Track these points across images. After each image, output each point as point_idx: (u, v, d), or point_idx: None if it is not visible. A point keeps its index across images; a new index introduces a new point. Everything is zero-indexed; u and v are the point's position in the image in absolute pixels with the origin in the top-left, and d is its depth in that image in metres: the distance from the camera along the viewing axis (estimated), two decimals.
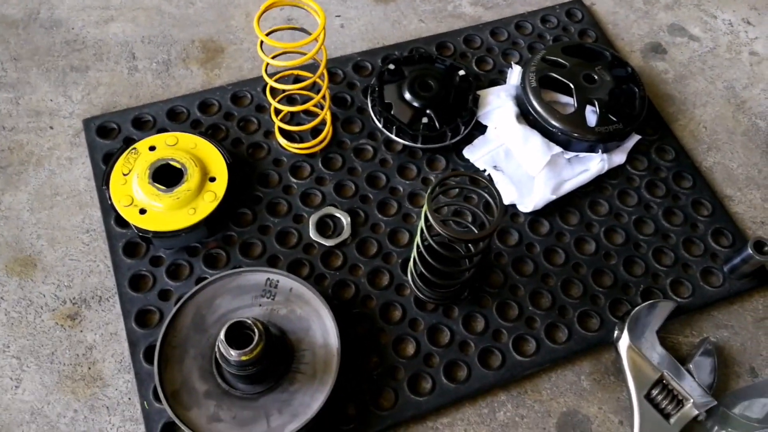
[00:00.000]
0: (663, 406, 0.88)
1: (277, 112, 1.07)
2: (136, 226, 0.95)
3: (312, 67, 0.98)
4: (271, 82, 0.99)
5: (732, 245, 1.06)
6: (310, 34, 0.93)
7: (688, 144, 1.18)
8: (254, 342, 0.79)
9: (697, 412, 0.88)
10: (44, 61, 1.20)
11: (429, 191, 0.80)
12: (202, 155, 1.01)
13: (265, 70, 0.98)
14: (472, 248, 0.88)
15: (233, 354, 0.78)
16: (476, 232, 0.94)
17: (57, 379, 0.91)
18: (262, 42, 0.93)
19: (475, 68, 1.23)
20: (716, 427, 0.87)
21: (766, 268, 1.03)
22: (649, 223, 1.07)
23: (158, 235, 0.96)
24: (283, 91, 1.08)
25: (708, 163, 1.16)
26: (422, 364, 0.93)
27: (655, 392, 0.89)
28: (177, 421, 0.82)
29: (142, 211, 0.95)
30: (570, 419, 0.91)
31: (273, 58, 0.98)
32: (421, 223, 0.84)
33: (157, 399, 0.87)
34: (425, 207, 0.80)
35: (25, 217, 1.03)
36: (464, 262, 0.90)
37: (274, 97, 1.03)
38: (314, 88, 1.08)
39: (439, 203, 1.01)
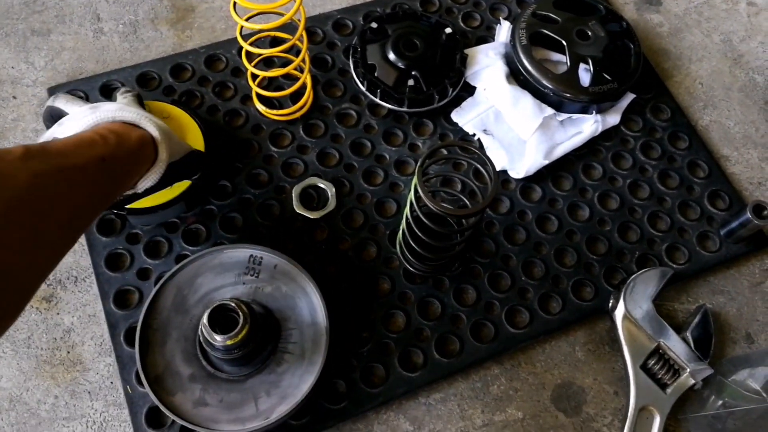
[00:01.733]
0: (659, 375, 0.87)
1: (254, 77, 1.01)
2: None
3: (290, 27, 0.92)
4: (246, 46, 0.93)
5: (729, 208, 1.03)
6: None
7: (683, 102, 1.14)
8: (239, 325, 0.75)
9: (693, 381, 0.86)
10: (2, 24, 1.12)
11: (419, 163, 0.75)
12: (176, 125, 0.95)
13: (240, 33, 0.92)
14: (464, 221, 0.84)
15: (218, 339, 0.75)
16: (467, 201, 0.90)
17: (35, 365, 0.88)
18: (234, 3, 0.86)
19: (462, 24, 1.17)
20: (713, 396, 0.86)
21: (765, 233, 1.00)
22: (644, 187, 1.04)
23: (134, 211, 0.91)
24: (260, 54, 1.01)
25: (704, 121, 1.12)
26: (413, 339, 0.90)
27: (651, 362, 0.88)
28: (161, 407, 0.79)
29: None
30: (565, 391, 0.90)
31: (247, 19, 0.91)
32: (411, 195, 0.80)
33: (140, 383, 0.84)
34: (415, 179, 0.76)
35: None
36: (455, 235, 0.87)
37: (250, 62, 0.97)
38: (293, 50, 1.01)
39: (428, 174, 0.97)
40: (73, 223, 0.65)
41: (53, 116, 0.78)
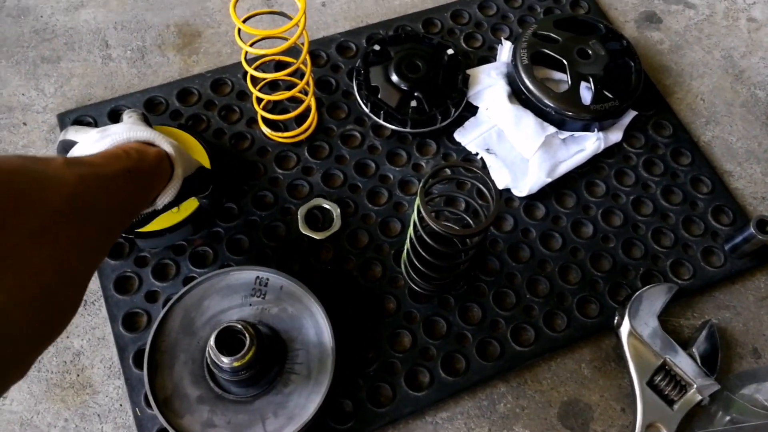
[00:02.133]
0: (666, 392, 0.87)
1: (260, 100, 1.03)
2: None
3: (294, 51, 0.94)
4: (251, 71, 0.94)
5: (733, 223, 1.03)
6: (289, 17, 0.88)
7: (685, 118, 1.14)
8: (246, 347, 0.76)
9: (700, 397, 0.86)
10: (13, 52, 1.15)
11: (421, 184, 0.76)
12: (183, 149, 0.96)
13: (245, 58, 0.94)
14: (468, 241, 0.85)
15: (225, 361, 0.76)
16: (470, 220, 0.91)
17: (45, 388, 0.89)
18: (239, 29, 0.88)
19: (464, 45, 1.19)
20: (720, 412, 0.86)
21: None
22: (647, 203, 1.04)
23: (141, 235, 0.92)
24: (265, 79, 1.03)
25: (707, 137, 1.13)
26: (419, 358, 0.91)
27: (657, 378, 0.87)
28: (170, 429, 0.80)
29: None
30: (571, 408, 0.90)
31: (252, 45, 0.93)
32: (414, 216, 0.81)
33: (149, 405, 0.84)
34: (418, 200, 0.77)
35: None
36: (459, 254, 0.87)
37: (255, 86, 0.99)
38: (297, 73, 1.03)
39: (431, 194, 0.98)
40: (108, 232, 0.67)
41: (66, 149, 0.79)
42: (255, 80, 1.00)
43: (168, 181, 0.80)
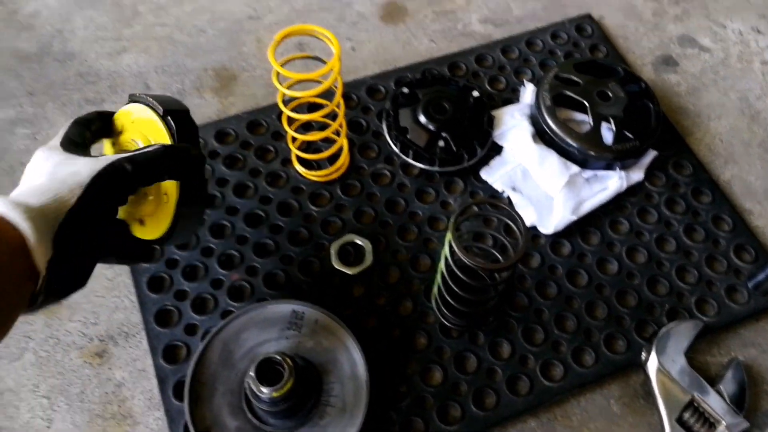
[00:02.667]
0: (695, 429, 0.88)
1: (294, 140, 1.07)
2: None
3: (327, 93, 0.98)
4: (287, 112, 0.99)
5: (755, 261, 1.05)
6: (324, 61, 0.93)
7: (705, 158, 1.18)
8: (284, 378, 0.79)
9: None
10: (60, 94, 1.21)
11: (452, 219, 0.80)
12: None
13: (281, 100, 0.99)
14: (497, 275, 0.88)
15: (264, 391, 0.78)
16: (498, 256, 0.94)
17: (88, 418, 0.91)
18: (277, 72, 0.93)
19: (488, 87, 1.23)
20: None
21: None
22: (670, 241, 1.07)
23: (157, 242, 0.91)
24: (300, 119, 1.08)
25: (726, 176, 1.16)
26: (450, 392, 0.93)
27: (686, 415, 0.89)
28: None
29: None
30: None
31: (288, 87, 0.98)
32: (445, 250, 0.84)
33: None
34: (448, 235, 0.80)
35: None
36: (489, 288, 0.90)
37: (290, 126, 1.04)
38: (330, 114, 1.08)
39: (460, 230, 1.01)
40: None
41: None
42: (290, 121, 1.04)
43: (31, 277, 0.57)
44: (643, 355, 0.94)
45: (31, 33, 1.29)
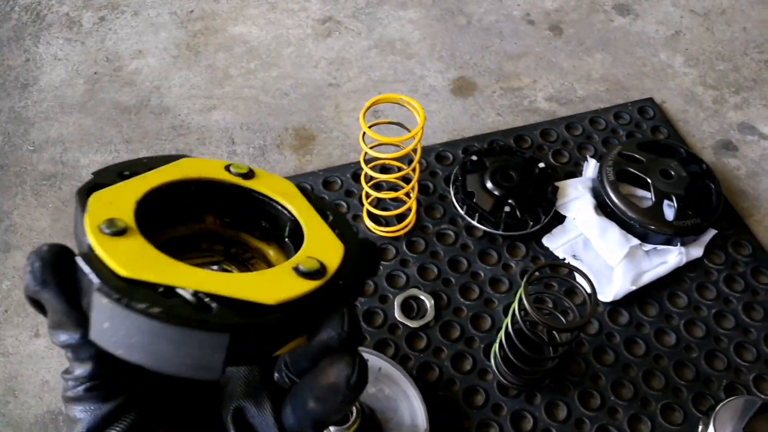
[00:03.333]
0: None
1: (368, 196, 1.15)
2: None
3: (403, 157, 1.06)
4: (367, 170, 1.07)
5: None
6: (407, 128, 1.01)
7: (764, 239, 1.20)
8: (351, 419, 0.83)
9: None
10: (153, 143, 1.32)
11: (526, 277, 0.84)
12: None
13: (363, 159, 1.06)
14: (561, 337, 0.91)
15: (331, 430, 0.82)
16: (562, 318, 0.97)
17: None
18: (364, 133, 1.01)
19: (552, 160, 1.29)
20: None
21: None
22: (729, 317, 1.08)
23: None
24: (378, 179, 1.16)
25: None
26: None
27: None
28: None
29: None
30: None
31: (371, 148, 1.06)
32: (515, 306, 0.88)
33: None
34: (521, 291, 0.84)
35: None
36: (553, 349, 0.93)
37: (366, 182, 1.11)
38: (404, 176, 1.15)
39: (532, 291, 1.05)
40: None
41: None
42: (368, 178, 1.12)
43: None
44: (700, 428, 0.95)
45: (132, 88, 1.43)
